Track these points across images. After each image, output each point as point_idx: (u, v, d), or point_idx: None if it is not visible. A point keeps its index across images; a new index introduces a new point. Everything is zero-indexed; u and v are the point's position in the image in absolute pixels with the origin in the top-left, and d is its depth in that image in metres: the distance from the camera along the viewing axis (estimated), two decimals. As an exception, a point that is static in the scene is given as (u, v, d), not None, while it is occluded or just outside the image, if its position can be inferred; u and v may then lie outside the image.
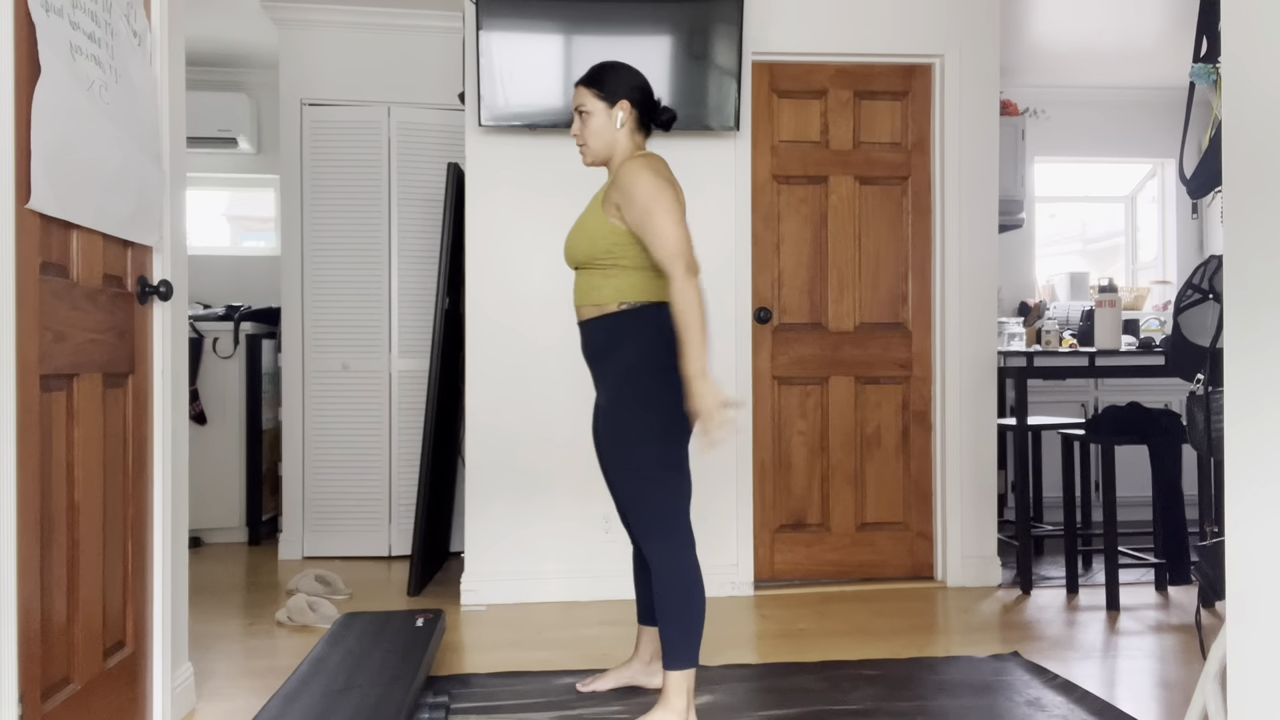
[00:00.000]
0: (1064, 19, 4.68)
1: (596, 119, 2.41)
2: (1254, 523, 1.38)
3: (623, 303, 2.34)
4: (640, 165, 2.31)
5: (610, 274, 2.35)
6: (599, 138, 2.42)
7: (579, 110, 2.44)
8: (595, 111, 2.41)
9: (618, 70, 2.43)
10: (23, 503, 1.70)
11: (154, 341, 2.32)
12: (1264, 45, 1.38)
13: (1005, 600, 3.60)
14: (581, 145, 2.46)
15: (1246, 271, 1.41)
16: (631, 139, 2.44)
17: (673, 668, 2.28)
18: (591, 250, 2.36)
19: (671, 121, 2.48)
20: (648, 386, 2.30)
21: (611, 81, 2.41)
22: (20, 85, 1.69)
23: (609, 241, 2.33)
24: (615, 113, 2.41)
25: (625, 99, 2.41)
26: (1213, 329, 2.11)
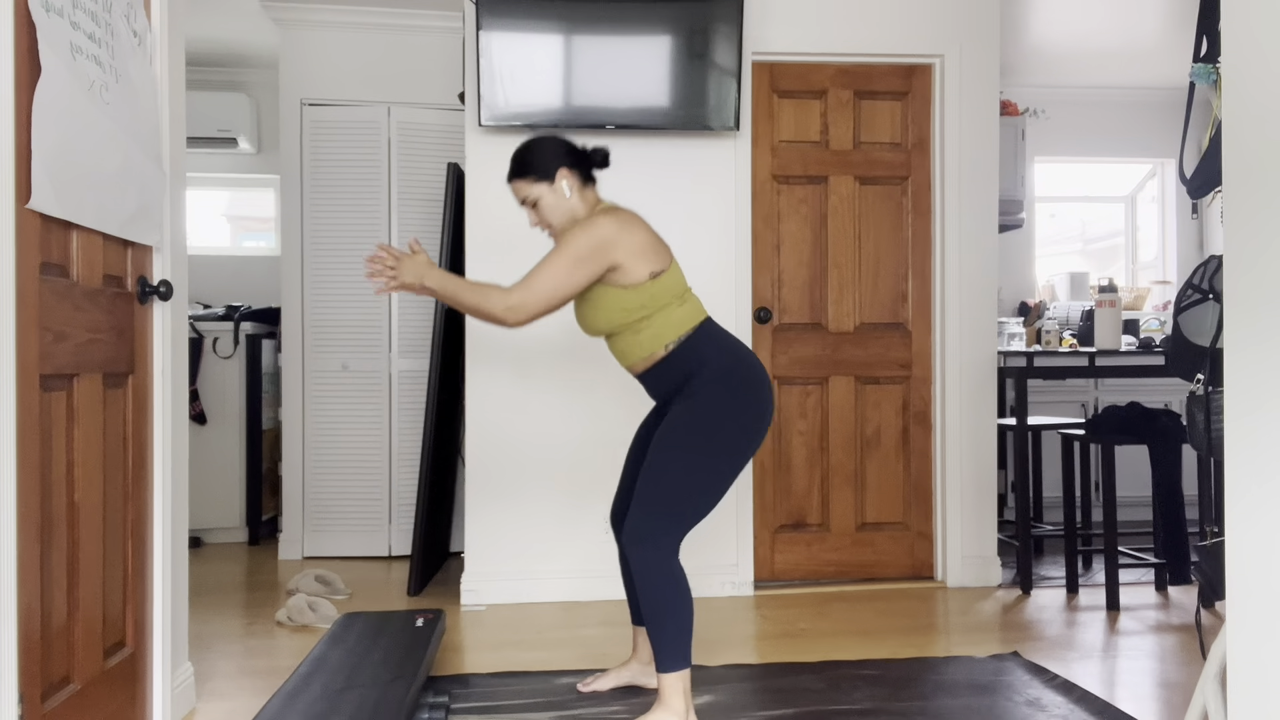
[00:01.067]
0: (1064, 19, 4.68)
1: (545, 200, 2.41)
2: (1254, 523, 1.38)
3: (667, 345, 2.36)
4: (586, 224, 2.31)
5: (641, 327, 2.36)
6: (557, 215, 2.42)
7: (524, 203, 2.43)
8: (540, 195, 2.41)
9: (536, 148, 2.42)
10: (23, 503, 1.70)
11: (154, 341, 2.32)
12: (1264, 45, 1.38)
13: (1005, 600, 3.60)
14: (546, 229, 2.45)
15: (1246, 271, 1.41)
16: (585, 200, 2.44)
17: (666, 670, 2.27)
18: (612, 320, 2.37)
19: (606, 157, 2.47)
20: (719, 413, 2.30)
21: (538, 161, 2.40)
22: (20, 85, 1.69)
23: (622, 308, 2.34)
24: (558, 185, 2.40)
25: (559, 167, 2.40)
26: (1213, 329, 2.11)
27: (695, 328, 2.38)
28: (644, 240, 2.33)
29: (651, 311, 2.35)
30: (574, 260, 2.27)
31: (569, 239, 2.29)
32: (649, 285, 2.33)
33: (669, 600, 2.25)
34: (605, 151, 2.47)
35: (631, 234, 2.31)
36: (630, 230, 2.32)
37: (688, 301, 2.40)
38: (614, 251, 2.29)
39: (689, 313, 2.39)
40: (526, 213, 2.46)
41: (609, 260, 2.30)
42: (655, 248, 2.35)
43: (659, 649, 2.27)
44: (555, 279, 2.27)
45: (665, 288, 2.35)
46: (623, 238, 2.30)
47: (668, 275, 2.36)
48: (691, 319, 2.38)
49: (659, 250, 2.36)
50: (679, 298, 2.39)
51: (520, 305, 2.27)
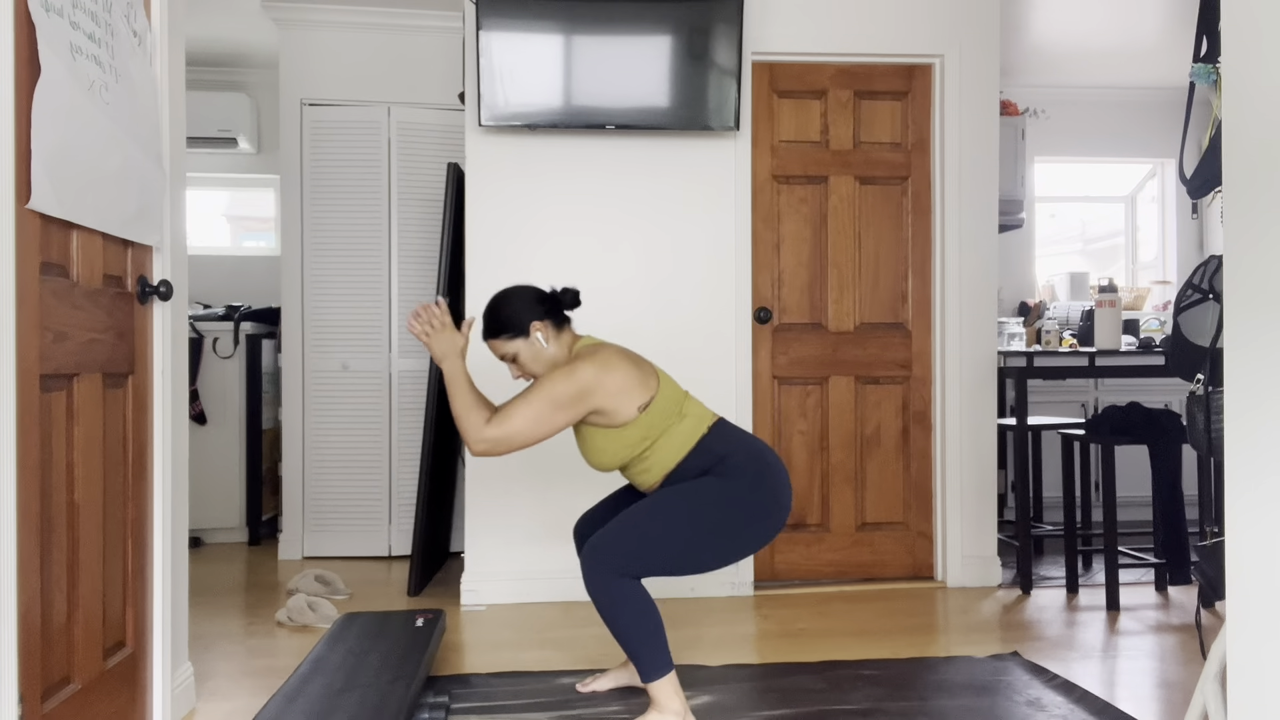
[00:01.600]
0: (1064, 19, 4.68)
1: (524, 354, 2.43)
2: (1254, 522, 1.38)
3: (679, 460, 2.38)
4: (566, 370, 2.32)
5: (649, 455, 2.38)
6: (538, 365, 2.44)
7: (504, 359, 2.45)
8: (518, 350, 2.43)
9: (506, 304, 2.44)
10: (23, 503, 1.70)
11: (154, 341, 2.32)
12: (1264, 45, 1.38)
13: (1005, 600, 3.60)
14: (529, 380, 2.48)
15: (1246, 271, 1.41)
16: (561, 343, 2.46)
17: (652, 679, 2.27)
18: (617, 458, 2.40)
19: (576, 297, 2.49)
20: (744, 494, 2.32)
21: (509, 318, 2.42)
22: (20, 85, 1.69)
23: (623, 445, 2.36)
24: (533, 337, 2.42)
25: (531, 320, 2.42)
26: (1213, 329, 2.11)
27: (703, 437, 2.39)
28: (623, 378, 2.33)
29: (653, 439, 2.37)
30: (552, 405, 2.29)
31: (548, 383, 2.30)
32: (642, 418, 2.34)
33: (630, 616, 2.24)
34: (575, 292, 2.48)
35: (610, 375, 2.32)
36: (608, 372, 2.32)
37: (688, 414, 2.41)
38: (593, 398, 2.30)
39: (692, 425, 2.39)
40: (508, 367, 2.48)
41: (589, 406, 2.31)
42: (637, 380, 2.35)
43: (637, 662, 2.27)
44: (532, 421, 2.28)
45: (659, 413, 2.36)
46: (602, 382, 2.30)
47: (658, 400, 2.36)
48: (696, 432, 2.39)
49: (642, 380, 2.36)
50: (677, 415, 2.39)
51: (495, 441, 2.29)
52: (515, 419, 2.28)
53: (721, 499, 2.31)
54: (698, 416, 2.41)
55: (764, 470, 2.36)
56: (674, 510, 2.29)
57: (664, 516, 2.29)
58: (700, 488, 2.33)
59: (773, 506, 2.35)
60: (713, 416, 2.45)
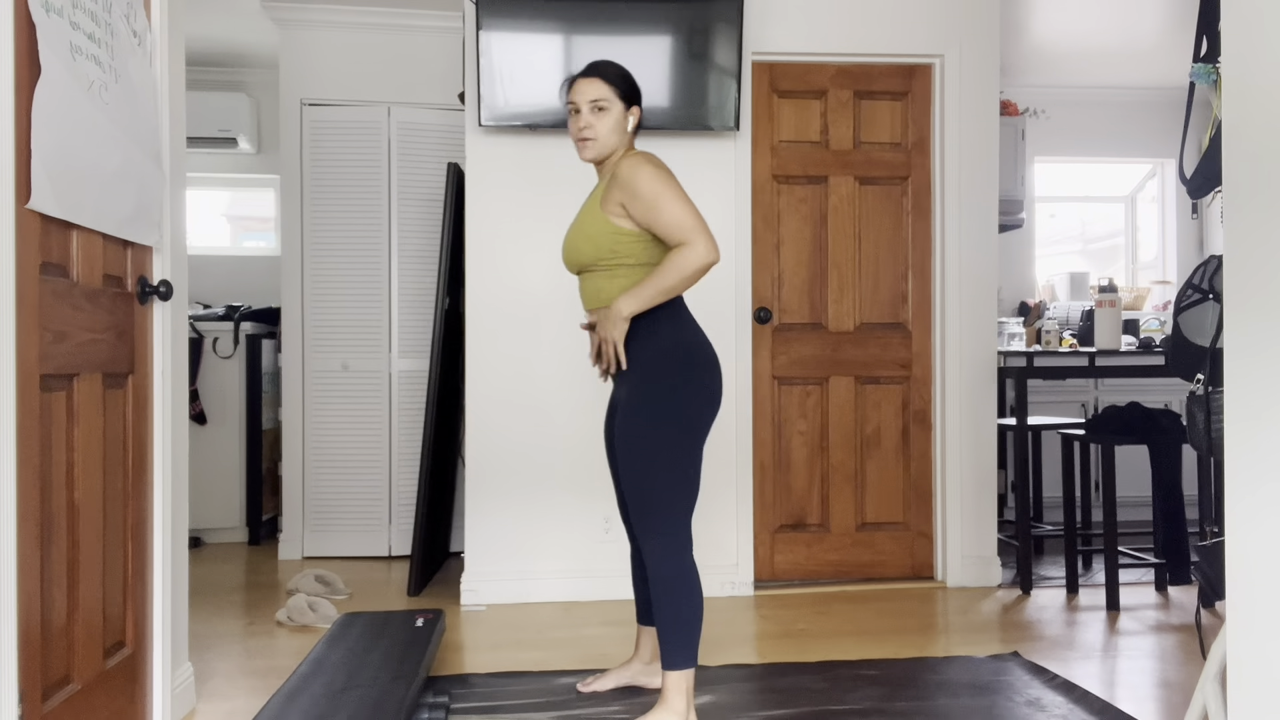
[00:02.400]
0: (1064, 19, 4.68)
1: (614, 116, 2.39)
2: (1254, 523, 1.38)
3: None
4: (640, 159, 2.31)
5: (617, 274, 2.35)
6: (614, 134, 2.39)
7: (596, 103, 2.37)
8: (613, 109, 2.39)
9: (629, 76, 2.44)
10: (23, 503, 1.70)
11: (154, 341, 2.32)
12: (1264, 45, 1.38)
13: (1005, 600, 3.60)
14: (588, 140, 2.38)
15: (1246, 271, 1.41)
16: (628, 139, 2.45)
17: (672, 668, 2.28)
18: (596, 252, 2.35)
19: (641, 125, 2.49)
20: (665, 385, 2.29)
21: (631, 85, 2.42)
22: (20, 85, 1.69)
23: (612, 241, 2.33)
24: (629, 116, 2.41)
25: (638, 106, 2.43)
26: (1213, 329, 2.11)
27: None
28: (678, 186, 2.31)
29: (632, 263, 2.33)
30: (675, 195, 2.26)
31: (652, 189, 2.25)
32: (643, 235, 2.32)
33: (682, 596, 2.27)
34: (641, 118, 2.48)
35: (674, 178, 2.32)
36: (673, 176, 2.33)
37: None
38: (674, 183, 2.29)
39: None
40: (578, 115, 2.38)
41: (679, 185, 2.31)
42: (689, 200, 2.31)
43: (667, 646, 2.27)
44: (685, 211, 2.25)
45: (658, 247, 2.33)
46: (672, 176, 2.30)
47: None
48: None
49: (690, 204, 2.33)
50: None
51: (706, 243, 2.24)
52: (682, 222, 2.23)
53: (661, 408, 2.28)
54: None
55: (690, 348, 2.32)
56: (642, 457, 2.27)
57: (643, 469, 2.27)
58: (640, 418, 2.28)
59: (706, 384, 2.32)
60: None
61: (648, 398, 2.30)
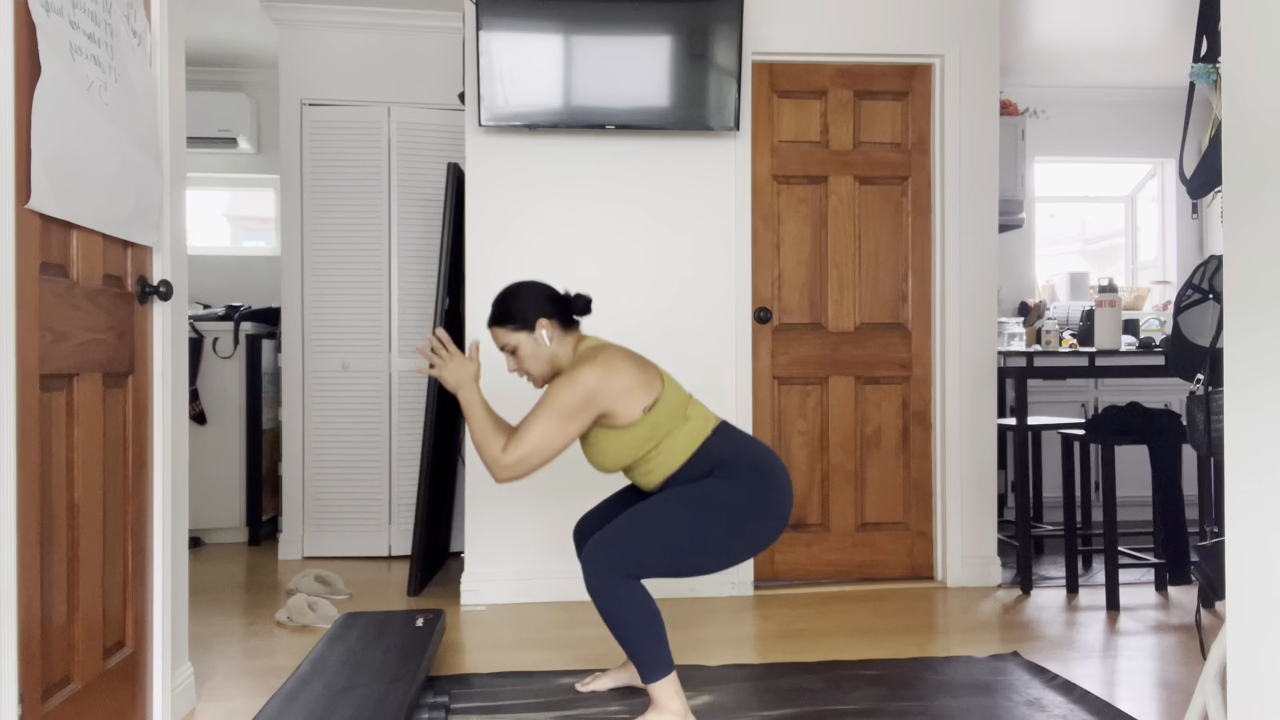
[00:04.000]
0: (1064, 19, 4.68)
1: (524, 349, 2.43)
2: (1254, 522, 1.38)
3: (682, 463, 2.38)
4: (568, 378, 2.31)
5: (652, 456, 2.38)
6: (536, 363, 2.44)
7: (504, 349, 2.45)
8: (520, 343, 2.43)
9: (517, 296, 2.44)
10: (23, 503, 1.70)
11: (154, 341, 2.32)
12: (1264, 45, 1.38)
13: (1005, 600, 3.60)
14: (524, 376, 2.48)
15: (1246, 271, 1.41)
16: (566, 344, 2.46)
17: (653, 680, 2.27)
18: (620, 459, 2.39)
19: (588, 305, 2.49)
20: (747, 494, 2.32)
21: (517, 310, 2.42)
22: (20, 85, 1.69)
23: (628, 447, 2.36)
24: (538, 333, 2.42)
25: (539, 317, 2.42)
26: (1213, 329, 2.11)
27: (706, 440, 2.38)
28: (629, 380, 2.32)
29: (658, 440, 2.37)
30: (561, 417, 2.28)
31: (554, 394, 2.29)
32: (647, 419, 2.34)
33: (631, 616, 2.23)
34: (587, 300, 2.49)
35: (615, 378, 2.31)
36: (613, 374, 2.31)
37: (692, 417, 2.40)
38: (600, 402, 2.30)
39: (696, 428, 2.39)
40: (506, 358, 2.48)
41: (596, 411, 2.31)
42: (642, 381, 2.34)
43: (637, 663, 2.26)
44: (546, 437, 2.28)
45: (664, 415, 2.36)
46: (607, 385, 2.30)
47: (663, 401, 2.36)
48: (700, 434, 2.39)
49: (647, 382, 2.35)
50: (682, 417, 2.39)
51: (515, 465, 2.28)
52: (529, 439, 2.28)
53: (723, 502, 2.31)
54: (702, 419, 2.42)
55: (766, 474, 2.36)
56: (676, 513, 2.29)
57: (666, 519, 2.29)
58: (702, 490, 2.32)
59: (774, 510, 2.35)
60: (716, 419, 2.44)
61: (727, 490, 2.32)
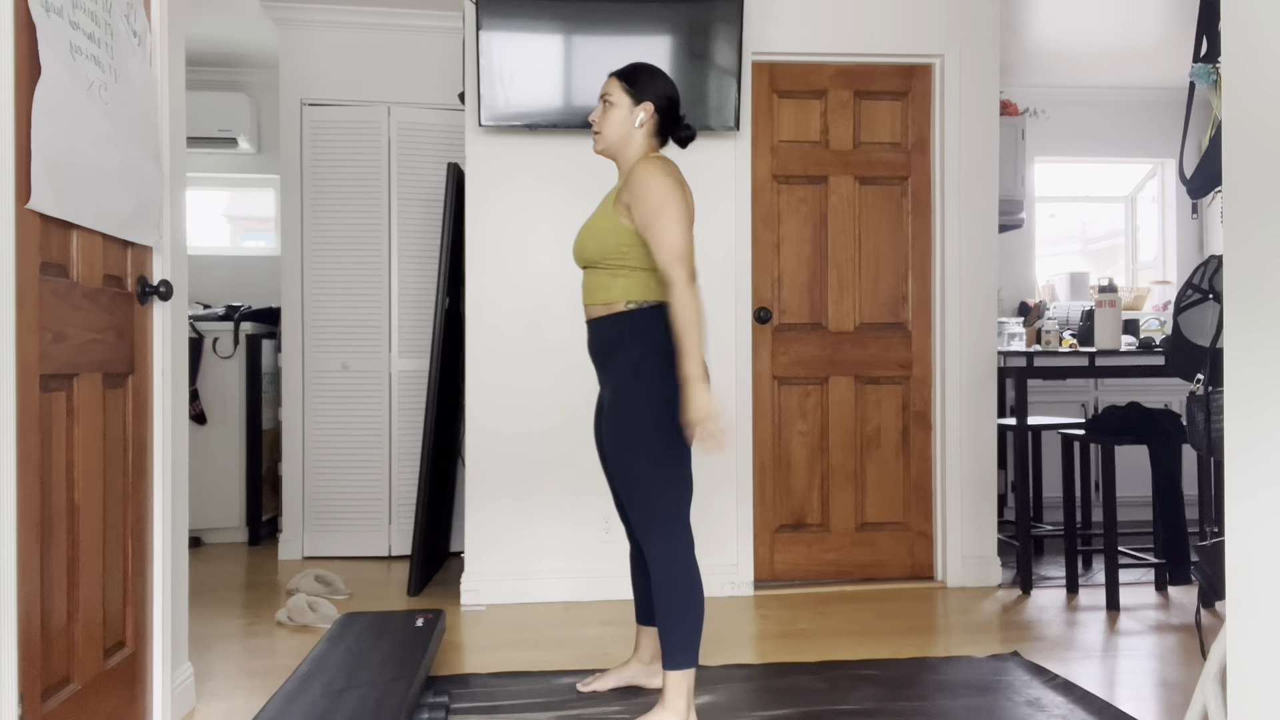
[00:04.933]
0: (1064, 19, 4.68)
1: (618, 111, 2.42)
2: (1254, 523, 1.38)
3: (630, 302, 2.35)
4: (655, 168, 2.31)
5: (619, 274, 2.36)
6: (615, 130, 2.43)
7: (604, 98, 2.44)
8: (619, 104, 2.42)
9: (653, 73, 2.45)
10: (23, 503, 1.70)
11: (154, 341, 2.32)
12: (1264, 45, 1.38)
13: (1005, 600, 3.60)
14: (596, 132, 2.46)
15: (1246, 271, 1.41)
16: (647, 142, 2.45)
17: (673, 668, 2.28)
18: (602, 250, 2.37)
19: (689, 140, 2.49)
20: (655, 386, 2.30)
21: (643, 80, 2.43)
22: (20, 85, 1.69)
23: (619, 241, 2.34)
24: (637, 111, 2.42)
25: (650, 101, 2.42)
26: (1213, 329, 2.11)
27: (660, 303, 2.36)
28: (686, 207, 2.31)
29: (635, 265, 2.35)
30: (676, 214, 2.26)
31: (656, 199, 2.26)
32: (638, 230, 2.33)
33: (683, 595, 2.27)
34: (692, 135, 2.49)
35: (684, 195, 2.31)
36: (684, 191, 2.32)
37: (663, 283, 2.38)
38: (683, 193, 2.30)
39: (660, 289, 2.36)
40: (598, 106, 2.47)
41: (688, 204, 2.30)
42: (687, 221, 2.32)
43: (668, 645, 2.27)
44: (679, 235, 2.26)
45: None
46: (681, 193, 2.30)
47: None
48: (659, 294, 2.36)
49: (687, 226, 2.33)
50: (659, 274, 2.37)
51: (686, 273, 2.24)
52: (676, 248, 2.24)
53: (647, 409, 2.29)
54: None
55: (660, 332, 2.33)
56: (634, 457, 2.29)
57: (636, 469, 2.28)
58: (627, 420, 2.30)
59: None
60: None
61: (632, 399, 2.31)
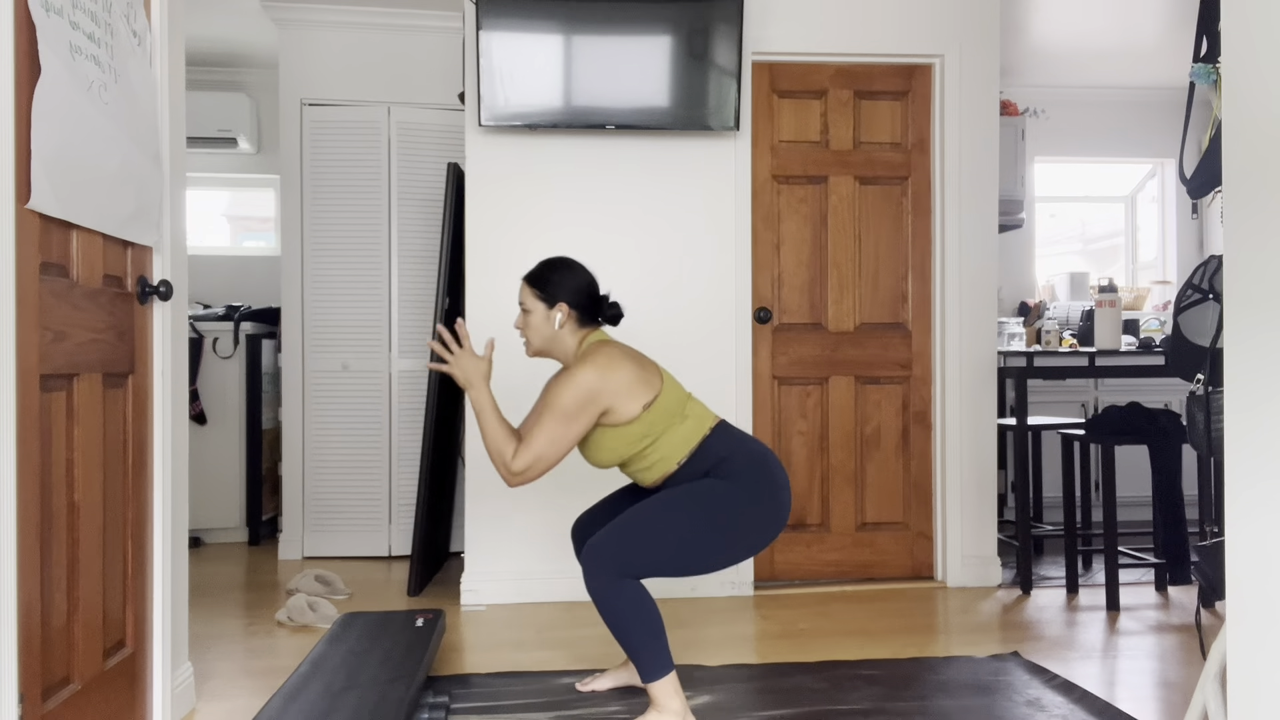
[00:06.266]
0: (1064, 19, 4.68)
1: (535, 316, 2.46)
2: (1254, 523, 1.38)
3: (680, 461, 2.39)
4: (567, 379, 2.32)
5: (648, 454, 2.40)
6: (537, 334, 2.47)
7: (521, 305, 2.48)
8: (534, 310, 2.45)
9: (560, 271, 2.46)
10: (23, 503, 1.70)
11: (154, 341, 2.32)
12: (1264, 45, 1.38)
13: (1005, 600, 3.60)
14: (524, 338, 2.50)
15: (1246, 271, 1.41)
16: (575, 336, 2.46)
17: (653, 680, 2.27)
18: (618, 455, 2.41)
19: (617, 319, 2.51)
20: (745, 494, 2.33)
21: (553, 283, 2.44)
22: (20, 85, 1.69)
23: (624, 444, 2.37)
24: (553, 314, 2.44)
25: (564, 301, 2.43)
26: (1213, 329, 2.11)
27: (704, 438, 2.39)
28: (628, 377, 2.34)
29: (655, 437, 2.38)
30: (564, 419, 2.30)
31: (555, 396, 2.31)
32: (645, 416, 2.35)
33: (631, 616, 2.24)
34: (618, 314, 2.51)
35: (614, 375, 2.32)
36: (613, 371, 2.33)
37: (690, 415, 2.41)
38: (600, 400, 2.32)
39: (693, 427, 2.40)
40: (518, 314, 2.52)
41: (598, 410, 2.33)
42: (641, 379, 2.36)
43: (637, 662, 2.27)
44: (552, 440, 2.30)
45: (662, 412, 2.37)
46: (606, 384, 2.31)
47: (661, 399, 2.37)
48: (697, 433, 2.39)
49: (646, 380, 2.37)
50: (680, 415, 2.40)
51: (524, 471, 2.31)
52: (535, 444, 2.30)
53: (722, 501, 2.32)
54: (699, 417, 2.42)
55: (764, 473, 2.37)
56: (675, 512, 2.30)
57: (665, 518, 2.29)
58: (701, 489, 2.33)
59: (773, 509, 2.36)
60: (714, 418, 2.45)
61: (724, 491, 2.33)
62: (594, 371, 2.32)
